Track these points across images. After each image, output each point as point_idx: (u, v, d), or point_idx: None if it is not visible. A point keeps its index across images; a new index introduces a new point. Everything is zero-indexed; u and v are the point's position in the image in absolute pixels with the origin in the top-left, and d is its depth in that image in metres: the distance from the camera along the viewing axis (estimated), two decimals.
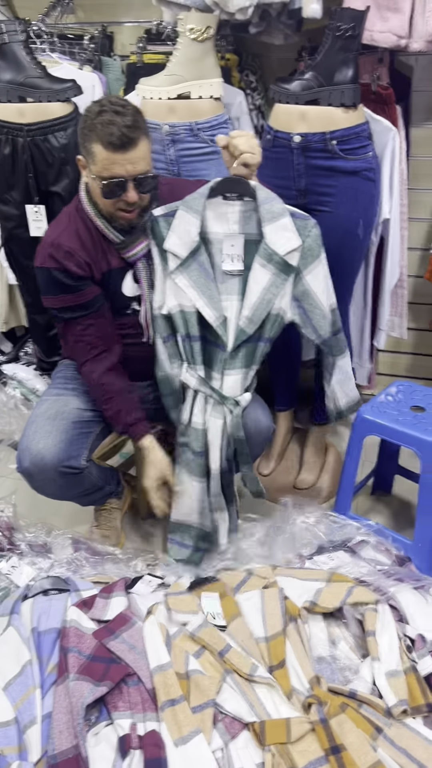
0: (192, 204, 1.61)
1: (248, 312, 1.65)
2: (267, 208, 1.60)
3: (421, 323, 2.62)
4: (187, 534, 1.85)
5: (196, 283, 1.64)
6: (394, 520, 2.16)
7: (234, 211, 1.64)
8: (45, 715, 1.33)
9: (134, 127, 1.52)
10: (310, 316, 1.70)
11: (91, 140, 1.54)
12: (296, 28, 2.14)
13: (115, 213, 1.63)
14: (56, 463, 1.67)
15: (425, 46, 1.91)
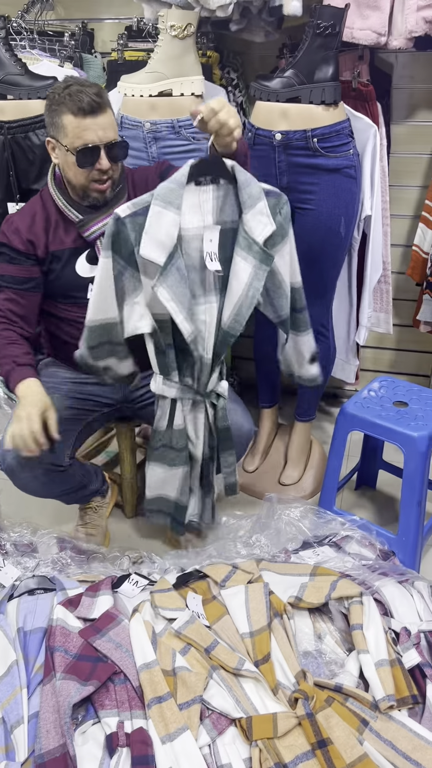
0: (169, 197, 1.38)
1: (232, 312, 1.51)
2: (248, 192, 1.43)
3: (404, 319, 2.64)
4: (165, 504, 1.80)
5: (176, 294, 1.43)
6: (378, 514, 2.18)
7: (207, 199, 1.45)
8: (32, 715, 1.33)
9: (100, 96, 1.60)
10: (272, 296, 1.58)
11: (61, 113, 1.59)
12: (277, 26, 2.14)
13: (89, 186, 1.66)
14: (39, 460, 1.66)
15: (405, 43, 1.92)
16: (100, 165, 1.61)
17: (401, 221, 2.49)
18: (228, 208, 1.47)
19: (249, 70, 2.41)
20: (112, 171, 1.65)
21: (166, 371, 1.58)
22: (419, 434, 1.76)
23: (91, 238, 1.72)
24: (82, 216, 1.71)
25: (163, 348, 1.53)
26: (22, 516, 2.10)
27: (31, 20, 2.41)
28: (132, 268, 1.41)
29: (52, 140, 1.65)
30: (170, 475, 1.73)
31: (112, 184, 1.68)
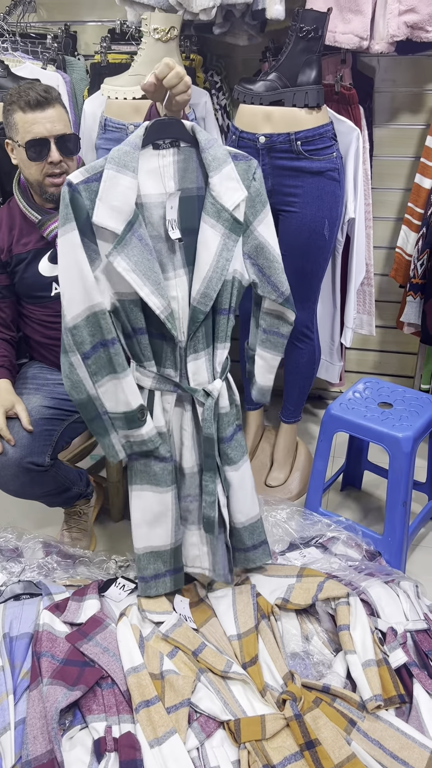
0: (123, 160, 1.26)
1: (201, 286, 1.37)
2: (212, 153, 1.32)
3: (388, 320, 2.66)
4: (160, 560, 1.57)
5: (137, 265, 1.30)
6: (363, 515, 2.19)
7: (167, 164, 1.33)
8: (18, 721, 1.32)
9: (49, 92, 1.65)
10: (268, 273, 1.45)
11: (13, 112, 1.65)
12: (260, 29, 2.15)
13: (44, 182, 1.70)
14: (19, 458, 1.66)
15: (386, 47, 1.93)
16: (51, 157, 1.66)
17: (384, 224, 2.51)
18: (192, 173, 1.35)
19: (232, 74, 2.42)
20: (66, 165, 1.70)
21: (139, 358, 1.44)
22: (404, 435, 1.78)
23: (51, 236, 1.77)
24: (41, 216, 1.76)
25: (129, 331, 1.40)
26: (7, 520, 2.08)
27: (14, 22, 2.39)
28: (87, 239, 1.29)
29: (9, 141, 1.70)
30: (159, 503, 1.51)
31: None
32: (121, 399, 1.39)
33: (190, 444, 1.51)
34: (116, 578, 1.69)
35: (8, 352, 1.87)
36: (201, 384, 1.47)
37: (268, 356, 1.59)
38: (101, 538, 2.12)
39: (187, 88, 1.34)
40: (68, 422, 1.84)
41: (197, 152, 1.35)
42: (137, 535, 1.54)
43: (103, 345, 1.36)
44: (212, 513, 1.51)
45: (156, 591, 1.59)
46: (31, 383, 1.85)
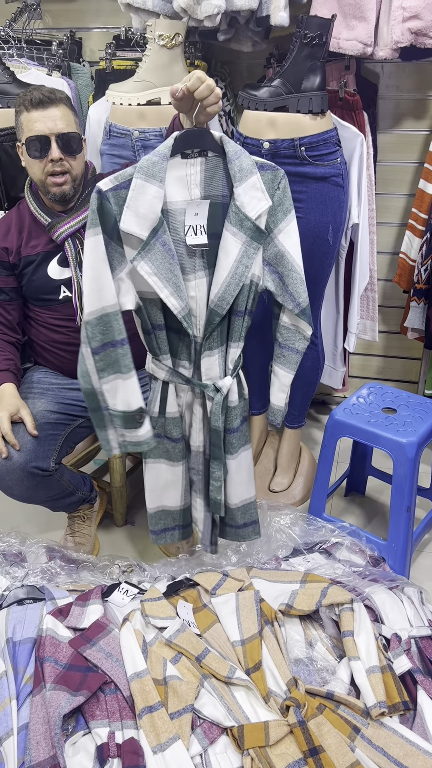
0: (152, 170, 1.31)
1: (219, 290, 1.43)
2: (238, 164, 1.36)
3: (391, 326, 2.66)
4: (170, 517, 1.71)
5: (159, 269, 1.36)
6: (367, 521, 2.18)
7: (195, 172, 1.38)
8: (21, 727, 1.32)
9: (54, 93, 1.68)
10: (287, 282, 1.48)
11: (20, 114, 1.69)
12: (264, 36, 2.16)
13: (46, 181, 1.72)
14: (23, 463, 1.66)
15: (390, 53, 1.94)
16: (51, 155, 1.67)
17: (388, 229, 2.51)
18: (218, 182, 1.40)
19: (237, 80, 2.43)
20: (69, 165, 1.71)
21: (155, 352, 1.51)
22: (408, 440, 1.77)
23: (60, 239, 1.78)
24: (51, 219, 1.77)
25: (149, 327, 1.47)
26: (10, 525, 2.08)
27: (19, 29, 2.41)
28: (115, 242, 1.35)
29: (19, 144, 1.73)
30: (172, 474, 1.63)
31: (72, 181, 1.74)
32: (122, 399, 1.44)
33: (198, 426, 1.60)
34: (119, 583, 1.68)
35: (13, 356, 1.87)
36: (212, 379, 1.53)
37: (282, 373, 1.61)
38: (104, 542, 2.12)
39: (217, 100, 1.36)
40: (73, 427, 1.84)
41: (224, 162, 1.39)
42: (150, 498, 1.65)
43: (112, 345, 1.40)
44: (219, 496, 1.62)
45: (165, 540, 1.72)
46: (36, 387, 1.86)
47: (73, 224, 1.78)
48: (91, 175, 1.83)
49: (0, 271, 1.82)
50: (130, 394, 1.44)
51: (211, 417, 1.54)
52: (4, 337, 1.87)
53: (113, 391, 1.44)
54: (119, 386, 1.43)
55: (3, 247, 1.80)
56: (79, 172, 1.76)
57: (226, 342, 1.52)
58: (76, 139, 1.71)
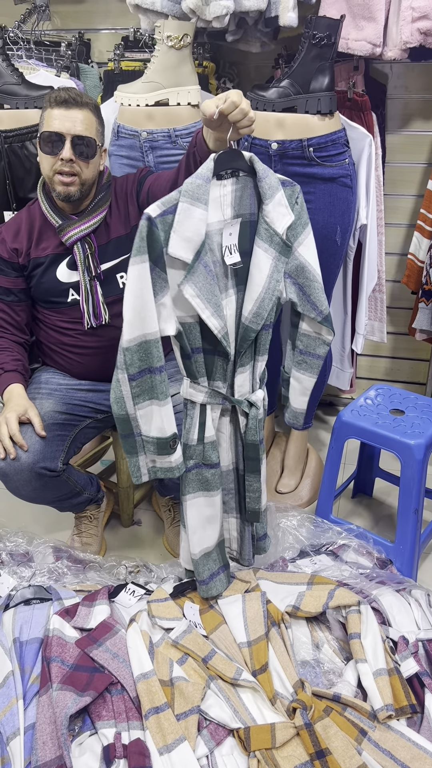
0: (197, 193, 1.32)
1: (253, 306, 1.45)
2: (267, 183, 1.39)
3: (400, 327, 2.65)
4: (211, 559, 1.62)
5: (202, 291, 1.37)
6: (375, 522, 2.18)
7: (227, 192, 1.40)
8: (28, 726, 1.32)
9: (81, 96, 1.68)
10: (308, 292, 1.52)
11: (44, 110, 1.69)
12: (273, 37, 2.15)
13: (53, 178, 1.71)
14: (32, 463, 1.66)
15: (399, 54, 1.93)
16: (62, 154, 1.66)
17: (396, 230, 2.51)
18: (246, 201, 1.43)
19: (245, 81, 2.43)
20: (79, 168, 1.70)
21: (194, 375, 1.49)
22: (416, 442, 1.77)
23: (69, 242, 1.77)
24: (62, 222, 1.77)
25: (189, 351, 1.45)
26: (17, 525, 2.09)
27: (28, 30, 2.42)
28: (159, 268, 1.35)
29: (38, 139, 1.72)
30: (211, 507, 1.58)
31: (80, 185, 1.73)
32: (157, 425, 1.43)
33: (227, 445, 1.60)
34: (126, 584, 1.68)
35: (22, 356, 1.87)
36: (243, 395, 1.55)
37: (304, 378, 1.64)
38: (111, 543, 2.12)
39: (251, 123, 1.37)
40: (80, 427, 1.84)
41: (254, 181, 1.42)
42: (194, 541, 1.59)
43: (150, 371, 1.39)
44: (257, 505, 1.63)
45: (216, 590, 1.64)
46: (44, 388, 1.86)
47: (84, 228, 1.77)
48: (106, 180, 1.82)
49: (9, 272, 1.82)
50: (166, 420, 1.43)
51: (247, 432, 1.55)
52: (12, 337, 1.87)
53: (148, 416, 1.43)
54: (154, 412, 1.43)
55: (13, 248, 1.80)
56: (90, 177, 1.74)
57: (254, 356, 1.54)
58: (92, 144, 1.70)
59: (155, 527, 2.19)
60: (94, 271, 1.80)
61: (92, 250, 1.79)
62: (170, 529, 2.09)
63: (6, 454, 1.66)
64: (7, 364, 1.82)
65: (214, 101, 1.33)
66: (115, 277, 1.83)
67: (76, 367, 1.90)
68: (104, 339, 1.85)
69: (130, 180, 1.84)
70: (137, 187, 1.82)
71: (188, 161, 1.59)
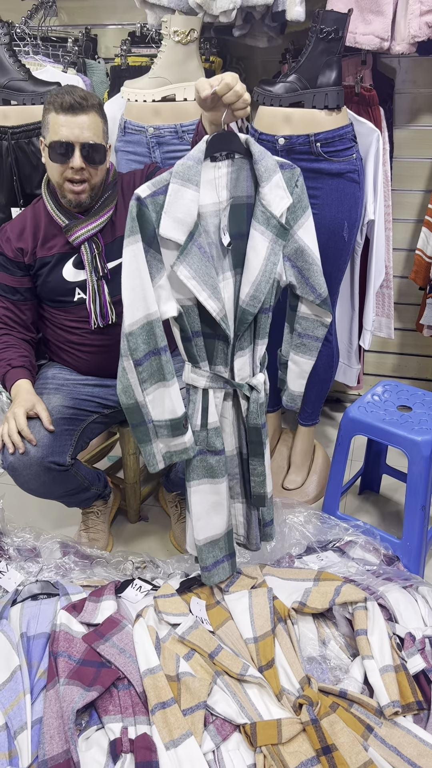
0: (187, 174, 1.31)
1: (250, 289, 1.44)
2: (264, 165, 1.38)
3: (407, 323, 2.64)
4: (217, 547, 1.63)
5: (197, 273, 1.37)
6: (381, 519, 2.17)
7: (222, 174, 1.39)
8: (35, 721, 1.33)
9: (86, 99, 1.65)
10: (307, 275, 1.52)
11: (48, 112, 1.66)
12: (280, 31, 2.14)
13: (63, 185, 1.71)
14: (40, 458, 1.67)
15: (407, 48, 1.92)
16: (72, 162, 1.66)
17: (404, 225, 2.49)
18: (242, 183, 1.42)
19: (252, 76, 2.42)
20: (89, 174, 1.69)
21: (195, 360, 1.49)
22: (423, 438, 1.76)
23: (77, 242, 1.77)
24: (68, 221, 1.76)
25: (189, 334, 1.45)
26: (25, 520, 2.10)
27: (35, 26, 2.42)
28: (153, 249, 1.35)
29: (42, 139, 1.71)
30: (216, 494, 1.58)
31: (90, 190, 1.72)
32: (168, 407, 1.44)
33: (230, 430, 1.59)
34: (133, 579, 1.69)
35: (28, 353, 1.88)
36: (243, 378, 1.55)
37: (302, 360, 1.64)
38: (118, 539, 2.13)
39: (245, 105, 1.35)
40: (88, 422, 1.84)
41: (250, 163, 1.40)
42: (198, 527, 1.60)
43: (155, 353, 1.40)
44: (263, 489, 1.62)
45: (218, 577, 1.64)
46: (51, 383, 1.87)
47: (91, 228, 1.77)
48: (112, 178, 1.82)
49: (15, 272, 1.82)
50: (176, 401, 1.44)
51: (249, 416, 1.55)
52: (19, 335, 1.88)
53: (158, 400, 1.44)
54: (164, 395, 1.43)
55: (18, 247, 1.80)
56: (99, 181, 1.74)
57: (254, 340, 1.53)
58: (101, 150, 1.69)
59: (162, 523, 2.19)
60: (101, 271, 1.80)
61: (99, 249, 1.79)
62: (177, 525, 2.09)
63: (15, 449, 1.66)
64: (14, 360, 1.82)
65: (208, 82, 1.31)
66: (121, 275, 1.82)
67: (83, 365, 1.90)
68: (111, 337, 1.85)
69: (137, 176, 1.84)
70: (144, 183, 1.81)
71: None
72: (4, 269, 1.83)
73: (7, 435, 1.67)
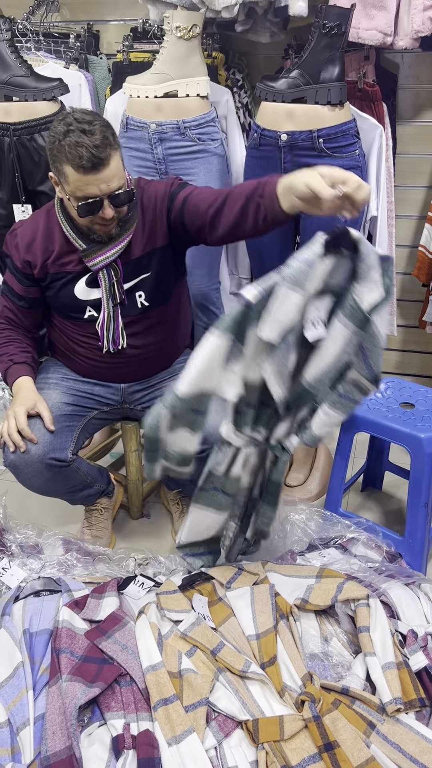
0: (300, 279, 1.26)
1: (319, 374, 1.43)
2: (368, 263, 1.32)
3: (410, 320, 2.64)
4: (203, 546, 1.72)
5: (277, 366, 1.36)
6: (384, 516, 2.17)
7: (324, 269, 1.31)
8: (38, 717, 1.33)
9: (103, 145, 1.50)
10: (368, 355, 1.46)
11: (61, 161, 1.53)
12: (282, 26, 2.14)
13: (93, 227, 1.64)
14: (41, 455, 1.67)
15: (411, 43, 1.91)
16: (103, 214, 1.58)
17: (407, 222, 2.49)
18: (340, 275, 1.36)
19: (254, 71, 2.41)
20: (118, 214, 1.62)
21: (239, 425, 1.48)
22: (426, 435, 1.76)
23: (95, 268, 1.70)
24: (87, 246, 1.68)
25: (243, 408, 1.44)
26: (27, 518, 2.10)
27: (37, 22, 2.41)
28: (240, 342, 1.32)
29: (54, 177, 1.61)
30: (215, 521, 1.64)
31: (117, 224, 1.66)
32: (184, 445, 1.46)
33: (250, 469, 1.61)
34: (135, 576, 1.69)
35: (31, 348, 1.86)
36: (279, 439, 1.55)
37: (334, 416, 1.57)
38: (121, 536, 2.13)
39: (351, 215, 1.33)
40: (87, 418, 1.84)
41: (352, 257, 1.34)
42: (187, 534, 1.67)
43: (195, 412, 1.39)
44: (267, 528, 1.71)
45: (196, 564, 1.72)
46: (51, 378, 1.86)
47: (110, 255, 1.68)
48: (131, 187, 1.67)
49: (23, 281, 1.76)
50: (192, 445, 1.46)
51: (273, 472, 1.58)
52: (22, 331, 1.86)
53: (178, 440, 1.44)
54: (185, 438, 1.43)
55: (26, 260, 1.73)
56: (124, 212, 1.66)
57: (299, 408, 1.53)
58: (128, 194, 1.60)
59: (164, 520, 2.19)
60: (118, 298, 1.74)
61: (118, 276, 1.71)
62: (179, 522, 2.09)
63: (16, 448, 1.66)
64: (16, 356, 1.80)
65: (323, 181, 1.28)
66: (134, 296, 1.76)
67: (85, 370, 1.87)
68: (118, 357, 1.82)
69: (160, 195, 1.71)
70: (167, 203, 1.69)
71: (247, 207, 1.51)
72: (12, 274, 1.78)
73: (7, 434, 1.67)
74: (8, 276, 1.80)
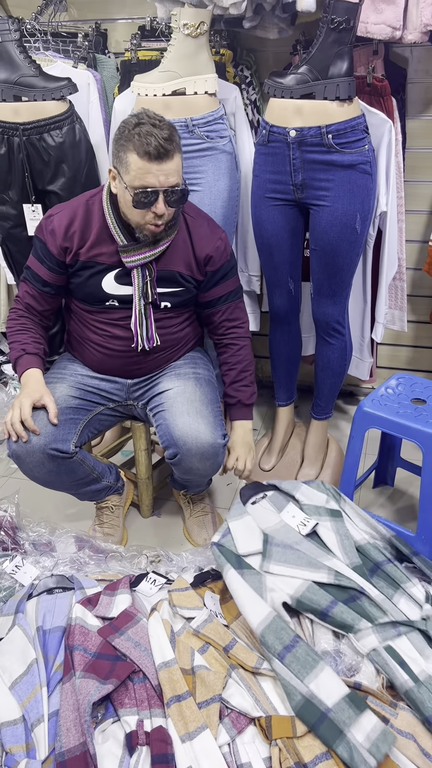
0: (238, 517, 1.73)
1: (347, 561, 1.64)
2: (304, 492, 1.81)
3: (421, 315, 2.62)
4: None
5: (288, 559, 1.60)
6: (396, 513, 2.16)
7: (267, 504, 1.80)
8: (52, 713, 1.34)
9: (170, 140, 1.57)
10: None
11: (127, 150, 1.58)
12: (290, 22, 2.13)
13: (143, 224, 1.66)
14: (43, 445, 1.68)
15: (420, 37, 1.90)
16: (156, 209, 1.61)
17: (417, 217, 2.47)
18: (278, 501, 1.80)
19: (262, 68, 2.41)
20: (169, 214, 1.64)
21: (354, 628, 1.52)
22: None
23: (130, 266, 1.73)
24: (128, 242, 1.71)
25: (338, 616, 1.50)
26: (40, 516, 2.11)
27: (45, 22, 2.42)
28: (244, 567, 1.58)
29: (113, 170, 1.65)
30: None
31: (166, 227, 1.69)
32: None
33: None
34: (147, 573, 1.69)
35: (43, 340, 1.88)
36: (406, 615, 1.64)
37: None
38: (132, 533, 2.14)
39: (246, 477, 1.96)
40: (94, 413, 1.85)
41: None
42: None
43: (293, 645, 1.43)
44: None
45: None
46: (60, 372, 1.89)
47: (148, 255, 1.72)
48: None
49: (53, 268, 1.78)
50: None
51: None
52: (37, 319, 1.88)
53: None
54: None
55: (63, 246, 1.75)
56: (172, 214, 1.68)
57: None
58: (183, 192, 1.64)
59: (176, 517, 2.20)
60: (150, 297, 1.77)
61: (152, 276, 1.75)
62: (190, 519, 2.10)
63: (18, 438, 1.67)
64: (29, 346, 1.82)
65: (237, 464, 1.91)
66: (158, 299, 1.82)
67: (98, 363, 1.89)
68: (131, 347, 1.85)
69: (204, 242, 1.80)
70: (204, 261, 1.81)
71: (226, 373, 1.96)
72: (40, 260, 1.79)
73: (10, 424, 1.68)
74: (34, 262, 1.81)
